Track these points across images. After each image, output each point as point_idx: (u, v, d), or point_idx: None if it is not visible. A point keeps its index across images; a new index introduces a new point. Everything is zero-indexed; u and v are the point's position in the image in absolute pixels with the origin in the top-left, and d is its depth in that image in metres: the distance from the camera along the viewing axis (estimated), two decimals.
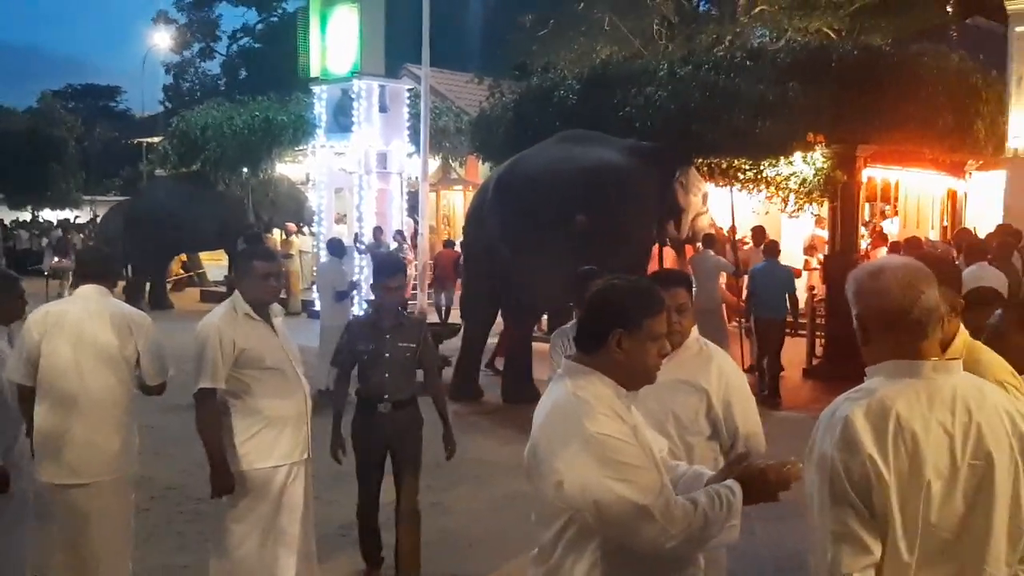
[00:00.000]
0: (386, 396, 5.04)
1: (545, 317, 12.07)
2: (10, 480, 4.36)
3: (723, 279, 11.89)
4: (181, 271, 24.20)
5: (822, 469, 2.11)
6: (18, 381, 4.26)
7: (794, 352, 11.75)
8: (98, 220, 29.52)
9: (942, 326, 2.29)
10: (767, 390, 10.59)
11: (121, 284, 15.85)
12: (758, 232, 12.56)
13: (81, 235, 27.81)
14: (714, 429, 3.41)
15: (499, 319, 11.47)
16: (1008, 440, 2.10)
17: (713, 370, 3.41)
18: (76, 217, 35.26)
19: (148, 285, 19.84)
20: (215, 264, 23.85)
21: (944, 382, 2.13)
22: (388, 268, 5.23)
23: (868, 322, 2.20)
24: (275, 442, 4.26)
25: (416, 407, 5.18)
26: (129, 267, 19.75)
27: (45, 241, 26.82)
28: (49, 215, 35.44)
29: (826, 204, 13.55)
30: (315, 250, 18.21)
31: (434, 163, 20.27)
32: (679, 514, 2.32)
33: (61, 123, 36.10)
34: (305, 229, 20.90)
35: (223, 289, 17.97)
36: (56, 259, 21.04)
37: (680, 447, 3.33)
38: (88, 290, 4.39)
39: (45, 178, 32.65)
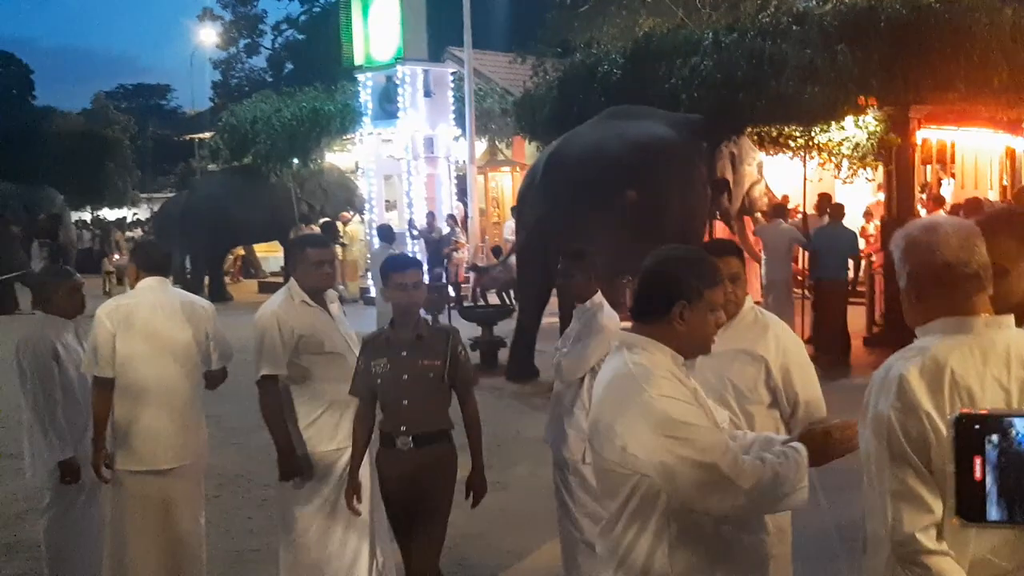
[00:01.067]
0: (403, 428, 4.04)
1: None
2: (80, 470, 4.53)
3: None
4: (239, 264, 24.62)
5: (878, 430, 2.09)
6: (96, 373, 4.36)
7: (854, 320, 11.59)
8: (155, 216, 30.11)
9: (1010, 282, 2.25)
10: (831, 356, 10.45)
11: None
12: (823, 199, 12.26)
13: (133, 233, 28.35)
14: (774, 398, 3.38)
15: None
16: None
17: (770, 338, 3.38)
18: (134, 215, 35.98)
19: (207, 279, 20.17)
20: (270, 255, 24.20)
21: (997, 337, 2.10)
22: (397, 262, 4.23)
23: (921, 279, 2.17)
24: (337, 425, 4.32)
25: (448, 443, 4.16)
26: (187, 261, 20.12)
27: (104, 240, 27.45)
28: (107, 214, 36.21)
29: (881, 168, 13.30)
30: (368, 238, 18.37)
31: (481, 145, 20.30)
32: (748, 470, 2.30)
33: (115, 123, 36.87)
34: (357, 217, 21.09)
35: (280, 279, 18.23)
36: (116, 256, 21.56)
37: (740, 417, 3.32)
38: (151, 282, 4.49)
39: (102, 178, 33.35)
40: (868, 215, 14.86)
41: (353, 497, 4.12)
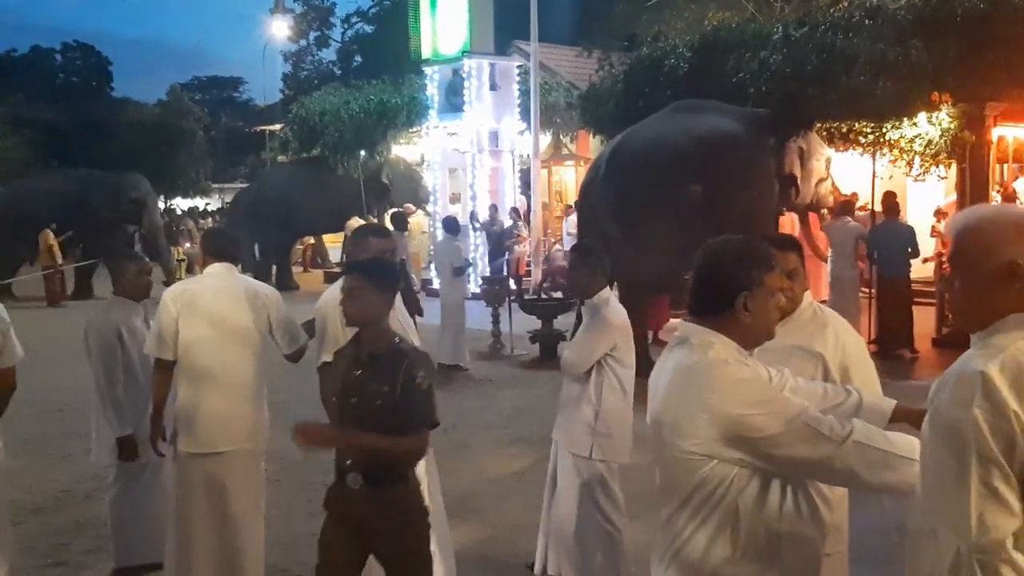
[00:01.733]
0: (349, 462, 3.46)
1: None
2: (139, 447, 4.66)
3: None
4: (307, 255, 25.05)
5: (956, 432, 1.99)
6: (157, 355, 4.46)
7: (922, 321, 11.35)
8: (227, 206, 30.78)
9: None
10: (894, 355, 10.27)
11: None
12: (889, 198, 11.96)
13: (204, 221, 28.96)
14: None
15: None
16: None
17: (829, 335, 3.31)
18: (206, 204, 36.80)
19: (274, 267, 20.55)
20: (336, 246, 24.54)
21: None
22: (354, 266, 3.76)
23: (987, 272, 2.06)
24: None
25: (406, 485, 3.49)
26: (256, 250, 20.52)
27: (177, 228, 28.13)
28: (180, 203, 37.10)
29: (954, 166, 12.99)
30: (431, 229, 18.52)
31: (545, 139, 20.30)
32: (835, 424, 2.29)
33: (189, 114, 37.72)
34: (422, 208, 21.26)
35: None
36: (187, 245, 22.10)
37: None
38: (218, 268, 4.58)
39: (175, 167, 34.17)
40: (940, 214, 14.51)
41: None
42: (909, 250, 10.78)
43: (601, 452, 4.64)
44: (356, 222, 18.34)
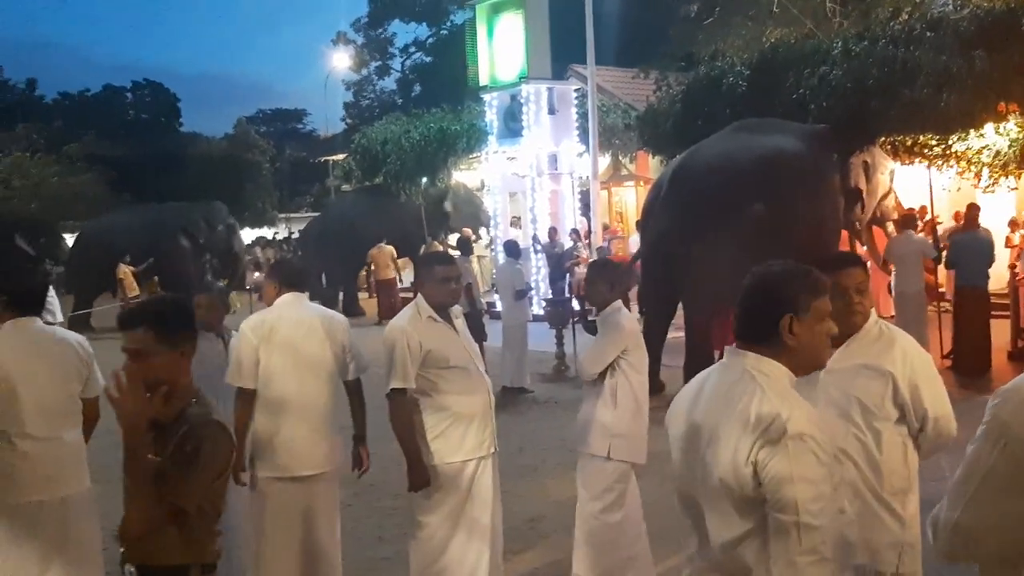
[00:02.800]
0: (122, 550, 2.84)
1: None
2: None
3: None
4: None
5: (996, 432, 1.98)
6: (239, 384, 4.59)
7: (998, 334, 11.09)
8: (293, 236, 31.34)
9: None
10: (972, 369, 10.06)
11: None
12: (971, 209, 11.46)
13: (270, 252, 29.55)
14: (902, 413, 3.28)
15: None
16: None
17: (897, 352, 3.29)
18: (275, 234, 37.54)
19: (341, 294, 20.85)
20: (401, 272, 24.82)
21: None
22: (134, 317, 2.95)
23: None
24: (463, 437, 4.43)
25: None
26: (323, 277, 20.87)
27: (248, 258, 28.74)
28: (247, 233, 37.90)
29: None
30: (493, 253, 18.67)
31: (604, 161, 20.34)
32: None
33: (255, 147, 38.62)
34: (482, 232, 21.40)
35: (410, 295, 18.70)
36: (256, 275, 22.56)
37: (867, 434, 3.25)
38: (290, 298, 4.72)
39: (243, 199, 34.95)
40: (1013, 224, 14.21)
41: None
42: (988, 262, 10.61)
43: (619, 452, 4.73)
44: (435, 246, 18.62)
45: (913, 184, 13.66)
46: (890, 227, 11.74)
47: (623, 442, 4.73)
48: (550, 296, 15.51)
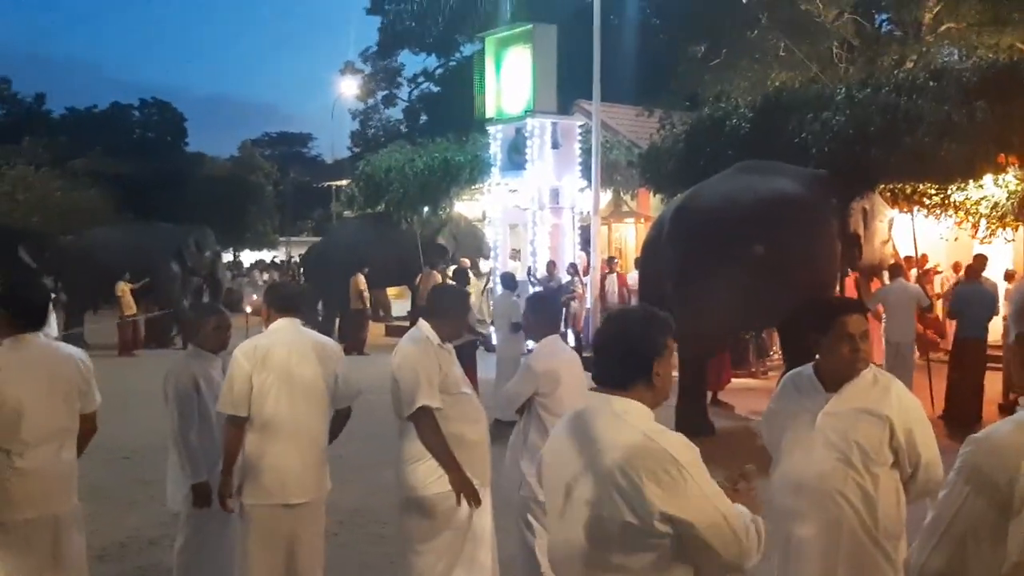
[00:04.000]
0: None
1: None
2: (211, 495, 4.78)
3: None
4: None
5: (974, 476, 2.05)
6: (232, 412, 4.54)
7: (990, 386, 11.08)
8: (293, 259, 31.38)
9: None
10: (964, 419, 10.03)
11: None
12: (978, 261, 11.44)
13: (268, 274, 29.57)
14: (896, 458, 3.34)
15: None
16: None
17: (893, 398, 3.36)
18: (274, 257, 37.59)
19: (338, 321, 20.82)
20: (397, 300, 24.83)
21: None
22: None
23: None
24: (468, 464, 4.43)
25: None
26: (320, 303, 20.86)
27: (245, 280, 28.75)
28: (248, 255, 37.95)
29: (1022, 229, 12.78)
30: (492, 284, 18.69)
31: (606, 196, 20.41)
32: (752, 532, 2.46)
33: (259, 169, 38.78)
34: (481, 263, 21.40)
35: (407, 323, 18.67)
36: (255, 297, 22.57)
37: (866, 478, 3.30)
38: (284, 323, 4.70)
39: (245, 221, 35.03)
40: (1009, 276, 14.25)
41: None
42: (990, 314, 10.64)
43: (526, 489, 4.78)
44: (433, 276, 18.64)
45: (902, 232, 13.75)
46: (886, 275, 11.79)
47: (532, 480, 4.73)
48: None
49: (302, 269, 24.51)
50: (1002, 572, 1.99)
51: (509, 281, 12.06)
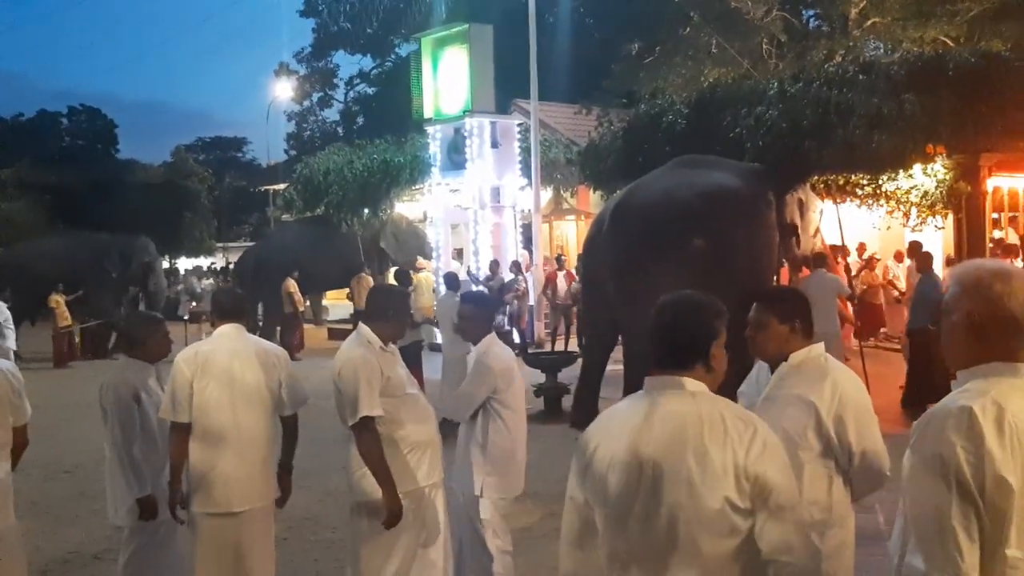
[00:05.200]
0: None
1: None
2: (158, 507, 4.70)
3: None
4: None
5: (935, 465, 2.09)
6: (173, 418, 4.49)
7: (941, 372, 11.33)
8: (230, 265, 30.90)
9: None
10: (919, 408, 10.23)
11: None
12: (926, 259, 11.47)
13: (207, 281, 29.10)
14: (826, 446, 3.32)
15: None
16: None
17: (827, 385, 3.34)
18: (211, 263, 36.98)
19: (279, 327, 20.56)
20: (339, 303, 24.59)
21: None
22: None
23: (983, 323, 2.18)
24: (418, 465, 4.40)
25: None
26: (260, 309, 20.58)
27: (180, 287, 28.26)
28: (184, 262, 37.27)
29: (951, 216, 13.15)
30: (436, 285, 18.63)
31: (546, 195, 20.50)
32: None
33: (194, 175, 38.09)
34: (420, 263, 21.32)
35: (349, 327, 18.53)
36: (192, 304, 22.20)
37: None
38: (228, 329, 4.64)
39: (180, 227, 34.39)
40: (950, 262, 14.63)
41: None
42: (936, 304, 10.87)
43: (489, 490, 4.76)
44: (366, 280, 18.53)
45: (846, 223, 14.04)
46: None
47: (494, 480, 4.76)
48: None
49: (233, 275, 24.05)
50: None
51: (452, 281, 12.03)
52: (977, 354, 2.20)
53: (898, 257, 14.55)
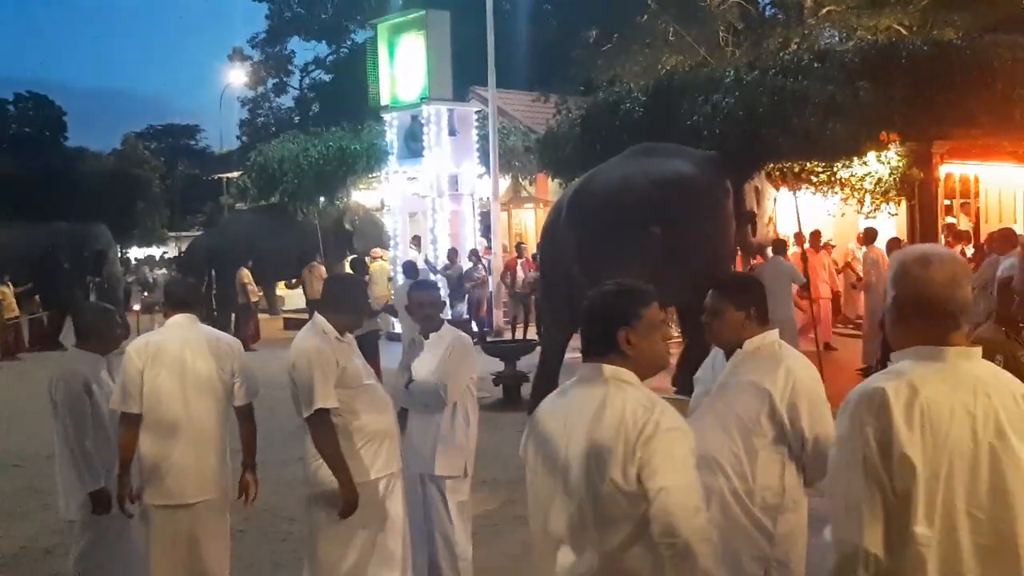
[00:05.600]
0: None
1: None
2: (111, 501, 4.60)
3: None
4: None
5: (849, 442, 2.19)
6: (123, 409, 4.43)
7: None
8: (183, 255, 30.45)
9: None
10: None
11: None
12: (893, 243, 11.89)
13: (160, 271, 28.71)
14: (779, 432, 3.34)
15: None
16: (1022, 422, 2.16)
17: (781, 372, 3.36)
18: (163, 253, 36.45)
19: (233, 316, 20.30)
20: (293, 292, 24.34)
21: (965, 367, 2.21)
22: None
23: (905, 306, 2.28)
24: (375, 456, 4.35)
25: None
26: (213, 299, 20.31)
27: (132, 278, 27.79)
28: (136, 252, 36.67)
29: (904, 203, 13.32)
30: (393, 274, 18.53)
31: (504, 182, 20.46)
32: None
33: (145, 163, 37.39)
34: (376, 251, 21.18)
35: (305, 316, 18.36)
36: (144, 294, 21.85)
37: (742, 448, 3.33)
38: (180, 319, 4.58)
39: (132, 216, 33.81)
40: (896, 241, 14.83)
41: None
42: None
43: (470, 469, 4.91)
44: (318, 269, 18.35)
45: (802, 210, 14.17)
46: (769, 252, 12.09)
47: (471, 458, 4.90)
48: (449, 317, 15.45)
49: (181, 265, 23.65)
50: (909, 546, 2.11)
51: (410, 270, 11.98)
52: (904, 338, 2.29)
53: (860, 240, 14.62)
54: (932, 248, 2.35)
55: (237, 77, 43.06)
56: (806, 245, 13.82)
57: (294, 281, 20.55)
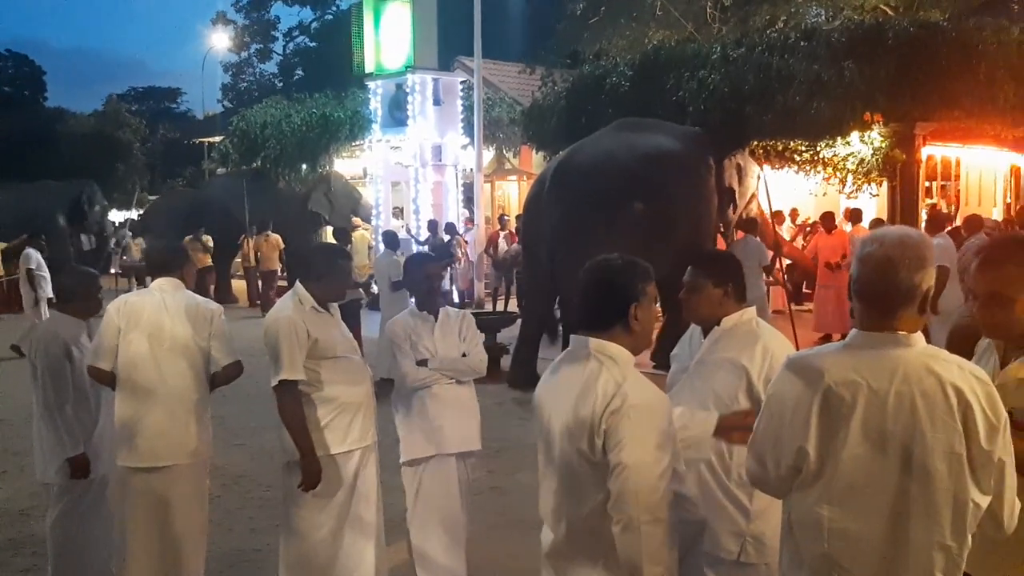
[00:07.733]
0: None
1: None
2: (90, 465, 4.60)
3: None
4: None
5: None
6: (95, 364, 4.45)
7: None
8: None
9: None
10: None
11: None
12: (877, 223, 11.96)
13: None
14: (757, 408, 3.27)
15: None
16: (948, 413, 2.17)
17: (758, 349, 3.38)
18: (141, 216, 36.17)
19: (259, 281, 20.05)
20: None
21: (894, 354, 2.22)
22: None
23: (850, 287, 2.34)
24: (349, 428, 4.35)
25: None
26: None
27: (113, 242, 27.54)
28: (116, 215, 36.35)
29: (886, 184, 13.39)
30: (375, 243, 18.46)
31: (488, 154, 20.38)
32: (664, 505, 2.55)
33: (126, 126, 37.01)
34: (356, 221, 21.03)
35: (284, 283, 18.27)
36: (124, 258, 21.66)
37: None
38: (162, 283, 4.57)
39: (112, 179, 33.47)
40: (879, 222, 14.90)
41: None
42: None
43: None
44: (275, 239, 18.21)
45: (784, 188, 14.21)
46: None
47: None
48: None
49: (141, 227, 23.13)
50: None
51: (391, 240, 11.92)
52: (856, 319, 2.33)
53: (847, 216, 14.62)
54: (885, 231, 2.33)
55: (220, 41, 42.53)
56: (787, 224, 13.92)
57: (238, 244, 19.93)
